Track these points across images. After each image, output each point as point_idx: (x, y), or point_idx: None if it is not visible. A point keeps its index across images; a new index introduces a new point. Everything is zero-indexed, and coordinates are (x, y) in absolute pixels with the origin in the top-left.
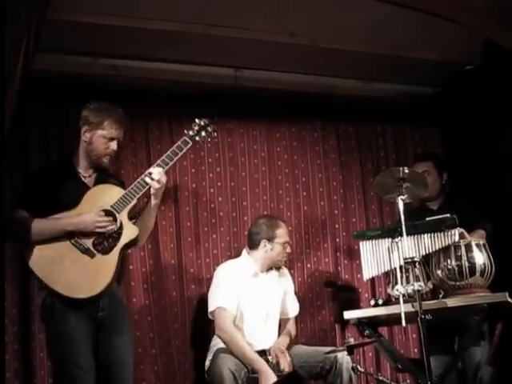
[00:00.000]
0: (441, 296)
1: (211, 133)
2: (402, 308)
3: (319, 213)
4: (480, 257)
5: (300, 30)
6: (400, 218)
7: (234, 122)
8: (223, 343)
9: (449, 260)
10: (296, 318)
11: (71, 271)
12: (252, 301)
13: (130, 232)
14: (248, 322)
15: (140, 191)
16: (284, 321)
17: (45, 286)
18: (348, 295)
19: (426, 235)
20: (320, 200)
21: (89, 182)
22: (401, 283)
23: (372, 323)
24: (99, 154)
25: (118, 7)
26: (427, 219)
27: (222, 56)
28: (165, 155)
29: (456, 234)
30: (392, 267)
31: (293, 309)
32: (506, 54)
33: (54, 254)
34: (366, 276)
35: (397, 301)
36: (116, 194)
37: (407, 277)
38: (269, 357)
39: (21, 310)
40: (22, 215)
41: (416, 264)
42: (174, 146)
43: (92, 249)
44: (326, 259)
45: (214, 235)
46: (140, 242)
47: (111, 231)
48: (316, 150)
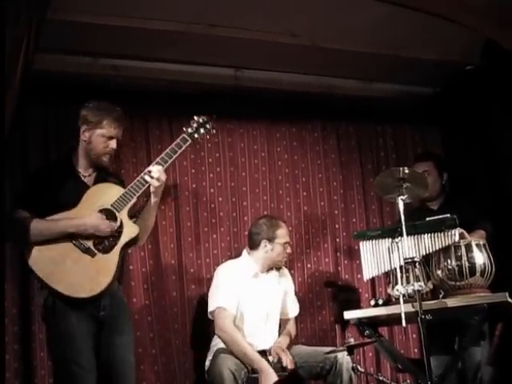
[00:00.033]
0: (441, 296)
1: (210, 130)
2: (402, 308)
3: (319, 213)
4: (480, 257)
5: (300, 30)
6: (400, 218)
7: (234, 122)
8: (223, 343)
9: (449, 260)
10: (296, 318)
11: (72, 271)
12: (252, 301)
13: (131, 231)
14: (248, 323)
15: (140, 189)
16: (284, 321)
17: (46, 286)
18: (348, 295)
19: (426, 235)
20: (320, 200)
21: (88, 182)
22: (401, 283)
23: (372, 323)
24: (99, 153)
25: (118, 7)
26: (427, 219)
27: (222, 56)
28: (164, 153)
29: (456, 234)
30: (392, 267)
31: (293, 309)
32: (506, 54)
33: (55, 254)
34: (366, 276)
35: (397, 301)
36: (116, 193)
37: (407, 277)
38: (269, 357)
39: (21, 310)
40: (22, 215)
41: (416, 264)
42: (173, 144)
43: (93, 248)
44: (326, 259)
45: (214, 235)
46: (140, 241)
47: (111, 233)
48: (316, 150)
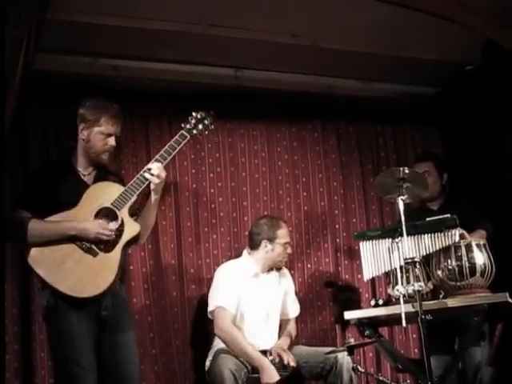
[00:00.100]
0: (441, 296)
1: (208, 125)
2: (403, 308)
3: (319, 213)
4: (480, 257)
5: (300, 30)
6: (400, 219)
7: (235, 123)
8: (223, 343)
9: (449, 260)
10: (296, 319)
11: (74, 271)
12: (252, 301)
13: (132, 229)
14: (248, 323)
15: (140, 187)
16: (284, 322)
17: (48, 286)
18: (348, 295)
19: (427, 235)
20: (320, 200)
21: (88, 180)
22: (401, 283)
23: (372, 323)
24: (98, 151)
25: (118, 7)
26: (427, 219)
27: (222, 56)
28: (163, 150)
29: (456, 235)
30: (392, 267)
31: (293, 309)
32: (506, 54)
33: (57, 254)
34: (367, 276)
35: (397, 301)
36: (116, 191)
37: (407, 277)
38: (269, 357)
39: (21, 310)
40: (23, 215)
41: (416, 264)
42: (172, 141)
43: (94, 248)
44: (327, 259)
45: (215, 235)
46: (141, 239)
47: (112, 237)
48: (316, 150)
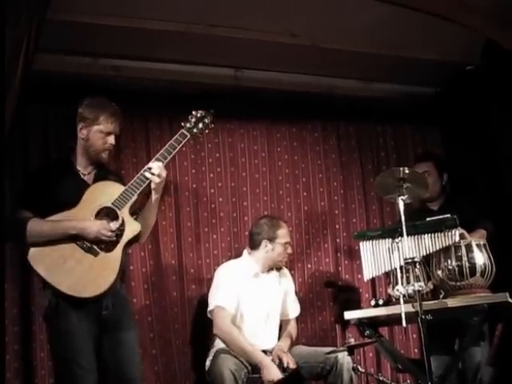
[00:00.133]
0: (441, 296)
1: (208, 124)
2: (403, 308)
3: (320, 213)
4: (480, 257)
5: (300, 31)
6: (400, 219)
7: (235, 123)
8: (222, 342)
9: (449, 260)
10: (297, 319)
11: (76, 271)
12: (252, 301)
13: (133, 228)
14: (248, 323)
15: (140, 186)
16: (285, 322)
17: (49, 286)
18: (348, 295)
19: (427, 235)
20: (320, 200)
21: (88, 180)
22: (401, 283)
23: (372, 323)
24: (97, 150)
25: (118, 7)
26: (428, 219)
27: (222, 56)
28: (163, 149)
29: (456, 235)
30: (392, 267)
31: (293, 310)
32: (506, 54)
33: (58, 254)
34: (367, 276)
35: (397, 301)
36: (116, 191)
37: (407, 277)
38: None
39: (21, 310)
40: (23, 215)
41: (416, 264)
42: (172, 140)
43: (95, 247)
44: (327, 259)
45: (215, 235)
46: (142, 238)
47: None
48: (316, 151)
